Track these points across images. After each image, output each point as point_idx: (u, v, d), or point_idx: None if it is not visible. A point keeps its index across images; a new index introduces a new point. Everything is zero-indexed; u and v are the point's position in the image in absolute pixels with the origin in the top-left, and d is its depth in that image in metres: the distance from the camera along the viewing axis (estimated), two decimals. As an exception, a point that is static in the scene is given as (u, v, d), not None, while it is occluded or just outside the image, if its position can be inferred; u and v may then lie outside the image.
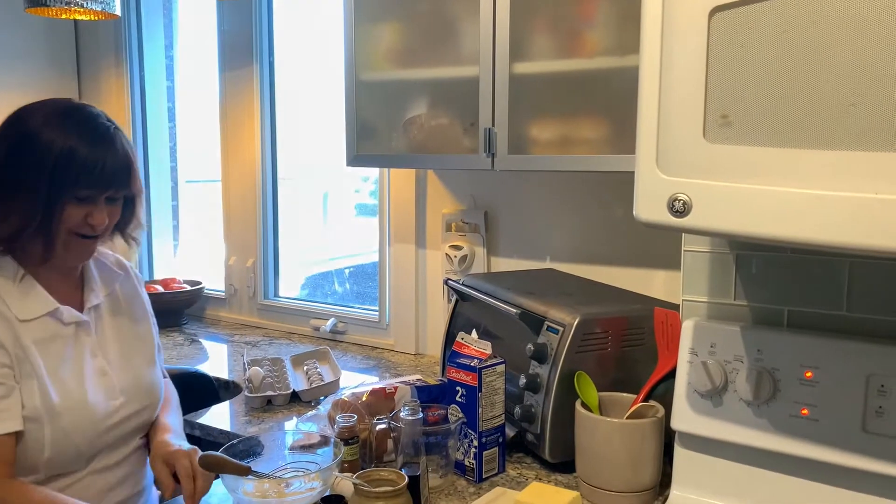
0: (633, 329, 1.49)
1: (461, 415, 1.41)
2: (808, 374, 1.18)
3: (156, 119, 3.05)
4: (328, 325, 2.51)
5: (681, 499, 1.31)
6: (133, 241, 1.46)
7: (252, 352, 2.37)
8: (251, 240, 2.75)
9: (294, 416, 1.79)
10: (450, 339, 1.80)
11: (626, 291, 1.73)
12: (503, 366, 1.44)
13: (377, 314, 2.46)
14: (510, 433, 1.51)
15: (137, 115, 3.01)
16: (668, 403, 1.33)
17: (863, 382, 1.14)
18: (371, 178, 2.67)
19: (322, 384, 1.91)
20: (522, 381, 1.46)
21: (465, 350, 1.44)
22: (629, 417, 1.36)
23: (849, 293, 1.24)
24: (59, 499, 1.23)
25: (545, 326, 1.47)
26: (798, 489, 1.22)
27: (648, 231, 1.10)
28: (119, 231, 1.43)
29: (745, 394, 1.22)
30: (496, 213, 2.16)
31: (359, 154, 1.96)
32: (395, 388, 1.56)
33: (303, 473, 1.28)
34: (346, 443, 1.35)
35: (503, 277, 1.83)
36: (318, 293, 2.88)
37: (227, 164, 2.77)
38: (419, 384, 1.59)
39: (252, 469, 1.25)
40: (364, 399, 1.52)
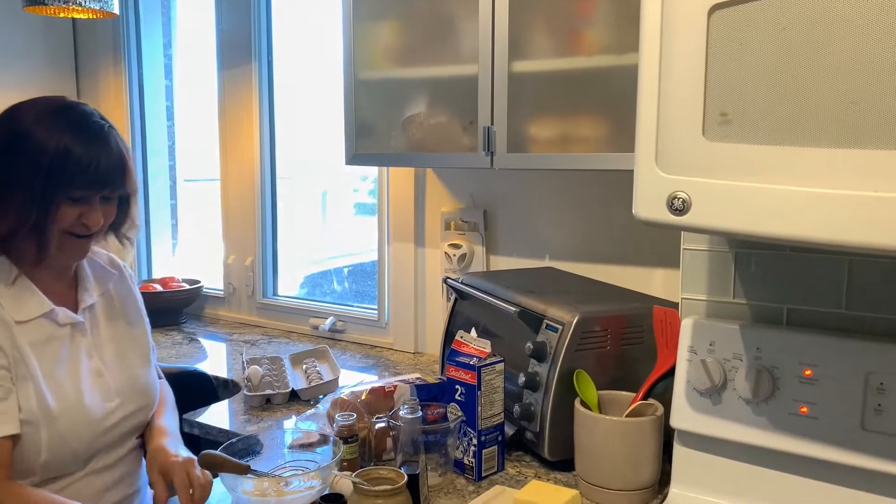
0: (633, 327, 1.49)
1: (460, 413, 1.41)
2: (808, 373, 1.18)
3: (154, 118, 3.05)
4: (327, 324, 2.51)
5: (680, 497, 1.31)
6: (127, 241, 1.44)
7: (251, 350, 2.36)
8: (250, 238, 2.75)
9: (293, 415, 1.79)
10: (449, 338, 1.80)
11: (626, 290, 1.73)
12: (502, 364, 1.44)
13: (376, 313, 2.46)
14: (509, 431, 1.51)
15: (136, 114, 3.00)
16: (668, 402, 1.33)
17: (862, 380, 1.14)
18: (370, 177, 2.67)
19: (321, 383, 1.91)
20: (522, 380, 1.46)
21: (465, 349, 1.44)
22: (628, 416, 1.36)
23: (848, 291, 1.24)
24: (57, 500, 1.22)
25: (544, 325, 1.47)
26: (797, 487, 1.22)
27: (648, 229, 1.10)
28: (113, 231, 1.41)
29: (745, 392, 1.22)
30: (495, 212, 2.16)
31: (358, 153, 1.96)
32: (395, 387, 1.56)
33: (302, 472, 1.28)
34: (346, 441, 1.35)
35: (502, 276, 1.83)
36: (317, 292, 2.88)
37: (226, 163, 2.77)
38: (418, 383, 1.59)
39: (251, 468, 1.25)
40: (363, 398, 1.52)
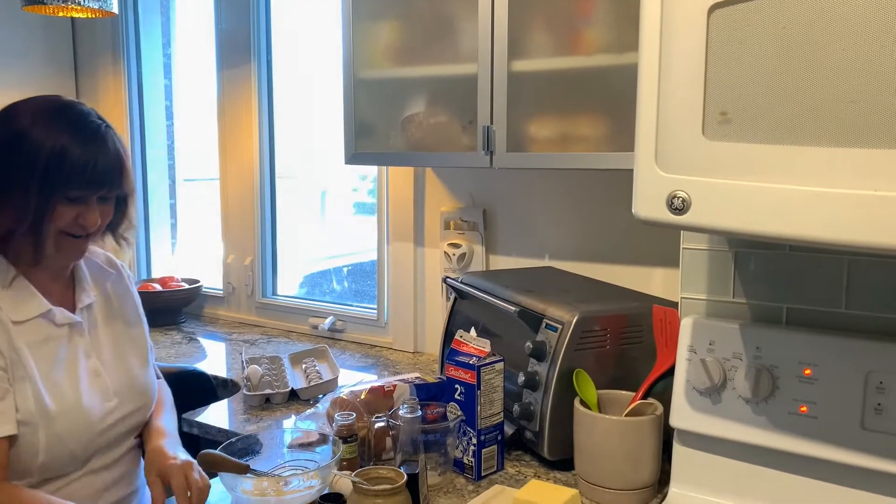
0: (632, 327, 1.49)
1: (460, 413, 1.41)
2: (807, 372, 1.18)
3: (153, 117, 3.04)
4: (326, 324, 2.51)
5: (679, 496, 1.31)
6: (124, 242, 1.43)
7: (250, 350, 2.36)
8: (249, 238, 2.74)
9: (292, 415, 1.79)
10: (448, 337, 1.80)
11: (625, 289, 1.73)
12: (502, 364, 1.44)
13: (376, 312, 2.46)
14: (509, 431, 1.51)
15: (135, 113, 3.00)
16: (667, 401, 1.33)
17: (861, 380, 1.14)
18: (369, 177, 2.67)
19: (320, 382, 1.91)
20: (521, 379, 1.46)
21: (464, 348, 1.44)
22: (628, 415, 1.35)
23: (848, 290, 1.24)
24: (53, 502, 1.21)
25: (544, 324, 1.47)
26: (797, 486, 1.22)
27: (647, 229, 1.10)
28: (110, 231, 1.41)
29: (744, 391, 1.22)
30: (495, 211, 2.16)
31: (357, 152, 1.96)
32: (394, 387, 1.56)
33: (301, 472, 1.28)
34: (345, 441, 1.35)
35: (502, 275, 1.83)
36: (317, 291, 2.88)
37: (225, 163, 2.77)
38: (418, 382, 1.59)
39: (251, 467, 1.25)
40: (363, 397, 1.52)
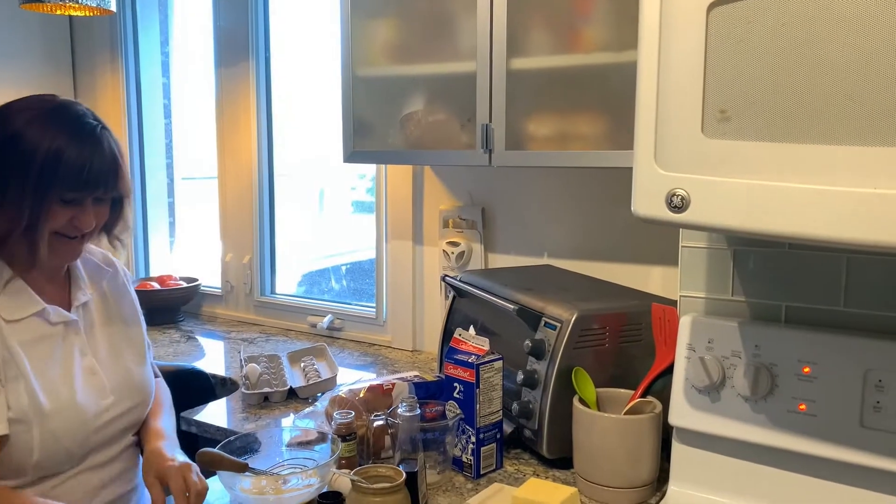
0: (631, 325, 1.49)
1: (459, 411, 1.41)
2: (806, 370, 1.18)
3: (151, 115, 3.04)
4: (325, 322, 2.51)
5: (678, 494, 1.31)
6: (118, 243, 1.43)
7: (249, 349, 2.36)
8: (247, 236, 2.74)
9: (291, 413, 1.79)
10: (447, 336, 1.80)
11: (624, 287, 1.73)
12: (501, 362, 1.44)
13: (374, 311, 2.46)
14: (508, 429, 1.51)
15: (133, 112, 2.99)
16: (666, 399, 1.33)
17: (860, 378, 1.14)
18: (368, 176, 2.67)
19: (319, 381, 1.91)
20: (520, 378, 1.46)
21: (463, 346, 1.44)
22: (627, 413, 1.35)
23: (847, 288, 1.24)
24: (39, 502, 1.21)
25: (543, 322, 1.47)
26: (795, 484, 1.22)
27: (646, 227, 1.10)
28: (105, 232, 1.40)
29: (743, 389, 1.22)
30: (493, 210, 2.16)
31: (355, 150, 1.95)
32: (393, 385, 1.56)
33: (300, 470, 1.28)
34: (344, 439, 1.35)
35: (501, 274, 1.83)
36: (315, 290, 2.87)
37: (224, 161, 2.76)
38: (417, 380, 1.59)
39: (249, 466, 1.25)
40: (361, 395, 1.52)
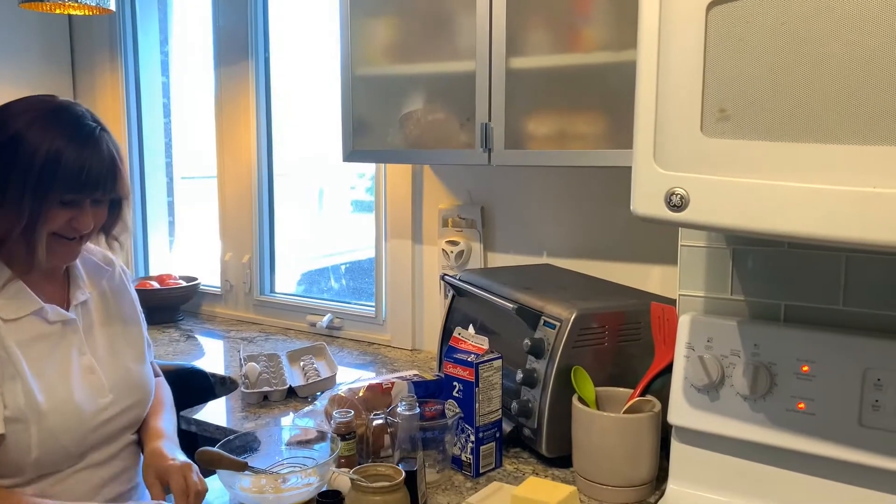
0: (630, 324, 1.49)
1: (458, 410, 1.41)
2: (805, 369, 1.19)
3: (151, 115, 3.04)
4: (324, 321, 2.51)
5: (677, 493, 1.31)
6: (117, 244, 1.43)
7: (248, 348, 2.36)
8: (247, 236, 2.74)
9: (290, 412, 1.79)
10: (446, 335, 1.80)
11: (623, 286, 1.74)
12: (500, 361, 1.44)
13: (373, 310, 2.46)
14: (507, 428, 1.51)
15: (132, 111, 2.99)
16: (665, 398, 1.33)
17: (859, 376, 1.14)
18: (367, 175, 2.67)
19: (318, 380, 1.91)
20: (519, 377, 1.46)
21: (462, 345, 1.44)
22: (626, 412, 1.36)
23: (845, 287, 1.24)
24: (33, 502, 1.21)
25: (542, 321, 1.47)
26: (794, 483, 1.22)
27: (645, 226, 1.10)
28: (104, 233, 1.40)
29: (742, 388, 1.22)
30: (493, 209, 2.16)
31: (355, 149, 1.95)
32: (392, 384, 1.56)
33: (300, 469, 1.28)
34: (343, 438, 1.35)
35: (500, 273, 1.83)
36: (315, 289, 2.87)
37: (223, 160, 2.76)
38: (416, 379, 1.59)
39: (249, 465, 1.25)
40: (361, 394, 1.52)
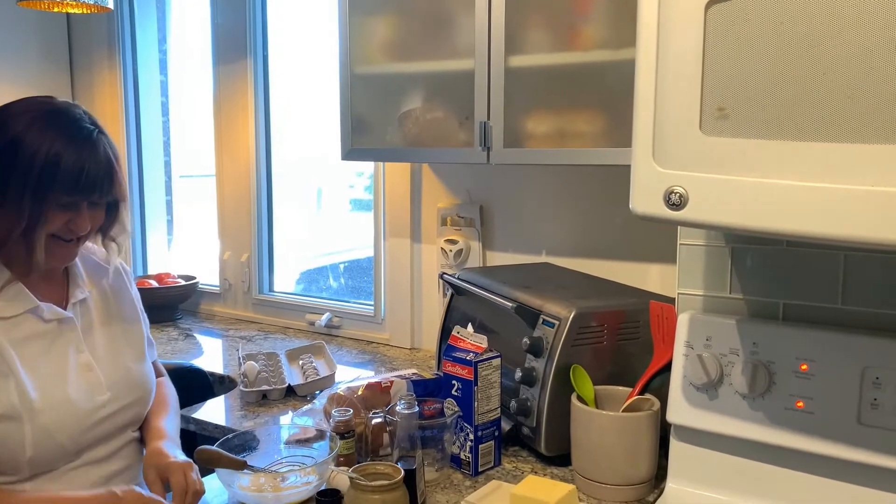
0: (629, 322, 1.49)
1: (457, 408, 1.41)
2: (804, 367, 1.19)
3: (149, 113, 3.03)
4: (323, 320, 2.51)
5: (676, 492, 1.31)
6: (114, 245, 1.42)
7: (247, 346, 2.36)
8: (245, 235, 2.74)
9: (289, 411, 1.79)
10: (445, 334, 1.80)
11: (622, 285, 1.74)
12: (499, 359, 1.44)
13: (372, 309, 2.46)
14: (506, 427, 1.51)
15: (131, 110, 2.99)
16: (664, 397, 1.33)
17: (858, 375, 1.14)
18: (366, 173, 2.66)
19: (317, 378, 1.91)
20: (518, 375, 1.46)
21: (461, 344, 1.44)
22: (625, 411, 1.36)
23: (844, 286, 1.24)
24: (31, 500, 1.21)
25: (541, 320, 1.47)
26: (793, 482, 1.22)
27: (644, 224, 1.10)
28: (102, 234, 1.40)
29: (741, 387, 1.22)
30: (491, 207, 2.16)
31: (353, 148, 1.95)
32: (391, 382, 1.56)
33: (298, 468, 1.29)
34: (342, 437, 1.35)
35: (499, 271, 1.83)
36: (313, 288, 2.87)
37: (221, 159, 2.76)
38: (415, 378, 1.59)
39: (248, 463, 1.25)
40: (360, 393, 1.52)
